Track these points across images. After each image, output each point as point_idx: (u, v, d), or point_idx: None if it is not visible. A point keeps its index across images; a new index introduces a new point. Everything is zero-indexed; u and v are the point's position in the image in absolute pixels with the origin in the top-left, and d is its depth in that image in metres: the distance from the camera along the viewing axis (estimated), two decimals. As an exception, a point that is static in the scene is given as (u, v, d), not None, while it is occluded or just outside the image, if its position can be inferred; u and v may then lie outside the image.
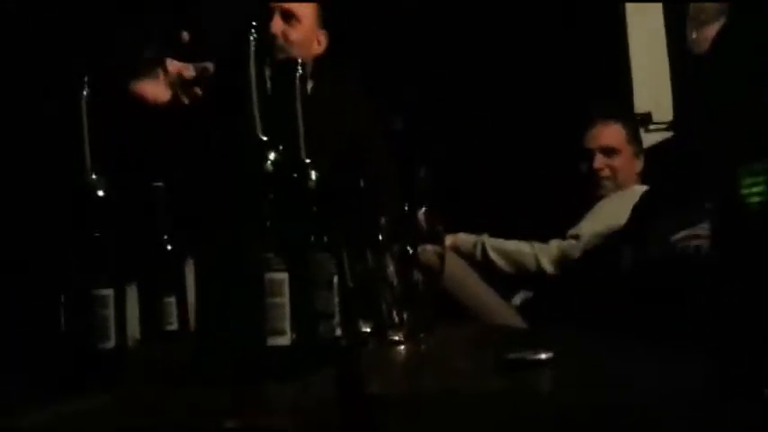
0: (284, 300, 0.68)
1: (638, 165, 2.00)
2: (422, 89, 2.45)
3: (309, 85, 1.67)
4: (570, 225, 1.89)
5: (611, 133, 1.98)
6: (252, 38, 0.72)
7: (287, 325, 0.68)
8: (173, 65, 1.49)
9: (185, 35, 1.50)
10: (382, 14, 2.41)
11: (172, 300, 1.30)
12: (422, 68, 2.43)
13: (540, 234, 1.89)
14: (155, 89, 1.47)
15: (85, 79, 0.85)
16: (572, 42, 2.29)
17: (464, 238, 1.92)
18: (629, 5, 2.28)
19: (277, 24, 1.75)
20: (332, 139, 1.62)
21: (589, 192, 1.96)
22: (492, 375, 0.63)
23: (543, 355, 0.64)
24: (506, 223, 1.96)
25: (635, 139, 2.01)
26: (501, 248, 1.86)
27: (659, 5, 2.23)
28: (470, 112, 2.43)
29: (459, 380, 0.64)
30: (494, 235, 1.92)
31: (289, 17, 1.80)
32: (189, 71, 1.49)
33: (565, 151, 2.07)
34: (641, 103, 2.24)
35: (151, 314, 1.26)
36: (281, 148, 0.72)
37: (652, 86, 2.24)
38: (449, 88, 2.43)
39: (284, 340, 0.68)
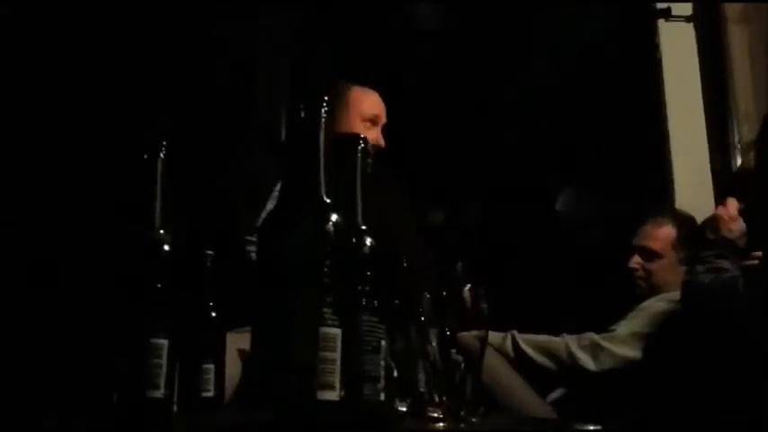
0: (336, 355, 0.70)
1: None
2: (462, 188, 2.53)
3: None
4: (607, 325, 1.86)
5: (658, 235, 1.94)
6: (322, 110, 0.79)
7: (337, 380, 0.70)
8: None
9: None
10: (428, 119, 2.54)
11: (211, 366, 1.31)
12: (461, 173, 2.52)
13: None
14: None
15: (164, 142, 0.92)
16: (614, 153, 2.36)
17: (492, 334, 1.88)
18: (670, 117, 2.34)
19: None
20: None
21: (628, 290, 1.94)
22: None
23: (591, 427, 0.64)
24: (539, 324, 1.93)
25: (682, 244, 1.91)
26: (531, 339, 1.81)
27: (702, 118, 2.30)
28: (509, 214, 2.48)
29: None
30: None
31: None
32: None
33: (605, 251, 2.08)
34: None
35: (189, 379, 1.27)
36: (341, 211, 0.76)
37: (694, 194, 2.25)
38: (490, 186, 2.50)
39: (333, 395, 0.69)
